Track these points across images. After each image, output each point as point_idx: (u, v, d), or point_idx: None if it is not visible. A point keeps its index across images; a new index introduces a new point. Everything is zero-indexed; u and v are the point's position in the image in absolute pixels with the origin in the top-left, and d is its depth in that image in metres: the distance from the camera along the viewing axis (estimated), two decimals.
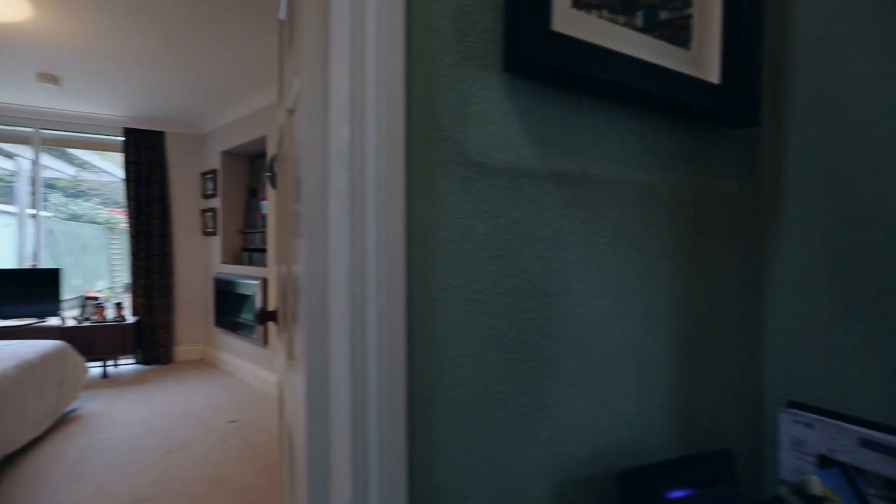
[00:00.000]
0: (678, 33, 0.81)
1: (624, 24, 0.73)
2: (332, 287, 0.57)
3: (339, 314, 0.55)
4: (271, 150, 3.50)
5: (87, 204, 8.78)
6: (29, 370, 2.59)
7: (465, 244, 0.59)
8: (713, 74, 0.81)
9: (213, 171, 4.30)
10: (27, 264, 4.32)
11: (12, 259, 5.47)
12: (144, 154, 4.36)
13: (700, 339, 0.83)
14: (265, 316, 1.21)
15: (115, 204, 9.14)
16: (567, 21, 0.66)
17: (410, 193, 0.54)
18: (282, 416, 1.34)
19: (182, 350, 4.56)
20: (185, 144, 4.54)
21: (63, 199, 8.21)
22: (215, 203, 4.33)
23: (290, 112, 1.04)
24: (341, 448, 0.55)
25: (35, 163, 4.29)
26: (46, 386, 2.76)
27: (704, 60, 0.82)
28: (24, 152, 5.13)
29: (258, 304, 3.61)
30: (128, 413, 3.15)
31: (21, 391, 2.48)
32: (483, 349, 0.61)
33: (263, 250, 4.05)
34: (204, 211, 4.46)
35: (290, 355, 1.06)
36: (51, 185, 6.53)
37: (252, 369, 3.81)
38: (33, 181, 4.34)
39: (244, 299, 4.07)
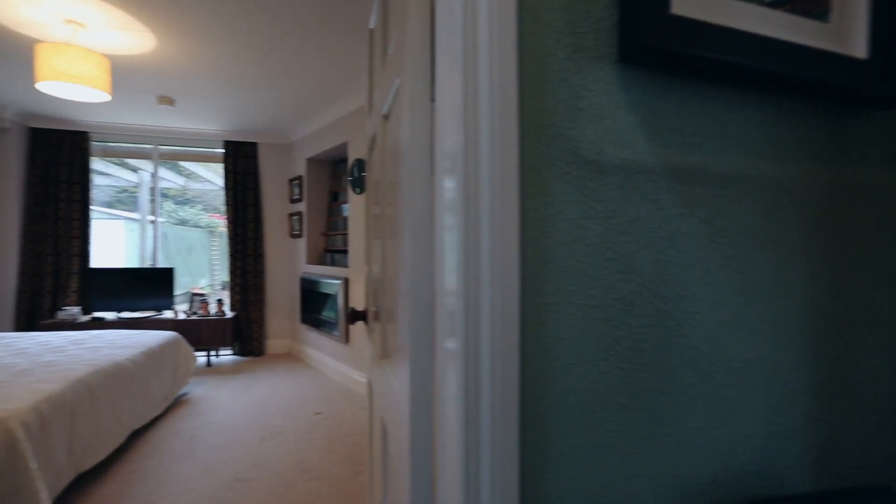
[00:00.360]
0: (814, 5, 0.71)
1: (749, 1, 0.66)
2: (440, 289, 0.57)
3: (449, 317, 0.54)
4: (353, 155, 3.67)
5: (193, 210, 9.83)
6: (151, 357, 2.94)
7: (579, 246, 0.56)
8: (859, 48, 0.71)
9: (300, 178, 4.60)
10: (147, 264, 4.91)
11: (135, 259, 6.27)
12: (240, 163, 4.77)
13: (842, 353, 0.72)
14: (355, 315, 1.26)
15: (215, 210, 10.14)
16: (686, 2, 0.60)
17: (523, 193, 0.53)
18: (371, 412, 1.38)
19: (272, 344, 4.93)
20: (275, 153, 4.91)
21: (173, 206, 9.27)
22: (301, 207, 4.63)
23: (385, 117, 1.07)
24: (450, 453, 0.54)
25: (153, 175, 4.86)
26: (164, 371, 3.11)
27: (848, 33, 0.71)
28: (145, 166, 5.85)
29: (340, 303, 3.80)
30: (228, 400, 3.46)
31: (146, 375, 2.82)
32: (596, 357, 0.57)
33: (345, 251, 4.26)
34: (291, 215, 4.79)
35: (383, 354, 1.08)
36: (164, 195, 7.33)
37: (334, 364, 4.02)
38: (152, 191, 4.93)
39: (326, 298, 4.31)
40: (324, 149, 4.20)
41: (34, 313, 4.23)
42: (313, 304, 4.44)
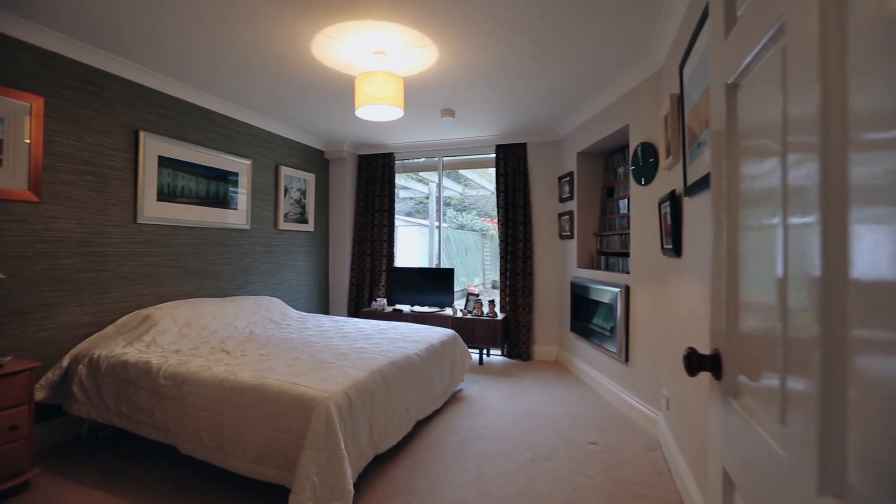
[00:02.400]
0: None
1: None
2: None
3: None
4: (636, 140, 3.07)
5: (469, 215, 10.99)
6: (434, 353, 3.12)
7: None
8: None
9: (570, 174, 4.27)
10: (433, 264, 5.53)
11: (425, 260, 7.29)
12: (511, 165, 4.80)
13: None
14: (699, 362, 0.75)
15: (487, 215, 11.04)
16: None
17: None
18: (710, 454, 0.84)
19: (539, 349, 4.77)
20: (543, 151, 4.73)
21: (454, 213, 10.55)
22: (571, 206, 4.28)
23: (733, 86, 0.63)
24: None
25: (438, 185, 5.44)
26: (444, 367, 3.28)
27: None
28: (433, 177, 6.69)
29: (619, 314, 3.24)
30: (498, 403, 3.41)
31: (429, 369, 3.00)
32: None
33: (623, 254, 3.68)
34: (560, 215, 4.51)
35: (783, 421, 0.56)
36: (447, 202, 8.27)
37: (608, 384, 3.49)
38: (437, 200, 5.52)
39: (598, 306, 3.81)
40: (596, 139, 3.73)
41: (358, 301, 5.32)
42: (584, 311, 4.03)
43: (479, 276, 11.01)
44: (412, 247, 7.89)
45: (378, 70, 2.70)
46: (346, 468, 1.89)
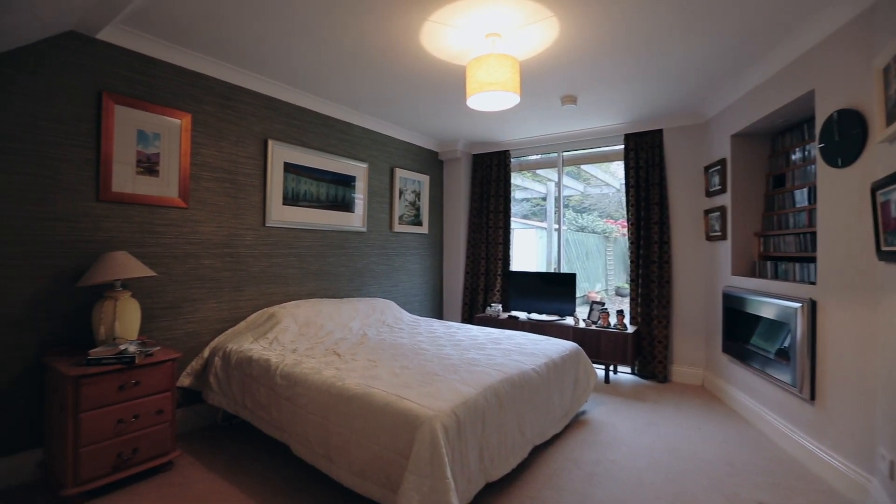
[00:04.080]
0: None
1: None
2: None
3: None
4: (826, 109, 2.33)
5: (589, 217, 10.19)
6: (553, 368, 2.75)
7: None
8: None
9: (721, 162, 3.53)
10: (551, 269, 5.11)
11: (540, 264, 6.84)
12: (642, 156, 4.18)
13: None
14: None
15: (609, 216, 10.13)
16: None
17: None
18: None
19: (679, 371, 4.05)
20: (684, 138, 4.02)
21: (573, 214, 9.87)
22: (723, 200, 3.54)
23: None
24: None
25: (558, 183, 5.00)
26: (565, 385, 2.88)
27: None
28: (551, 176, 6.24)
29: (798, 337, 2.50)
30: (630, 433, 2.90)
31: (548, 388, 2.64)
32: None
33: (800, 259, 2.88)
34: (708, 211, 3.76)
35: None
36: (565, 204, 7.72)
37: (780, 425, 2.74)
38: (557, 200, 5.08)
39: (760, 322, 3.05)
40: (759, 116, 2.99)
41: (472, 306, 5.13)
42: (741, 329, 3.27)
43: (600, 282, 10.11)
44: (528, 251, 7.49)
45: (490, 53, 2.45)
46: (451, 500, 1.65)
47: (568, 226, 9.20)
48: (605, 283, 9.85)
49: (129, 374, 2.20)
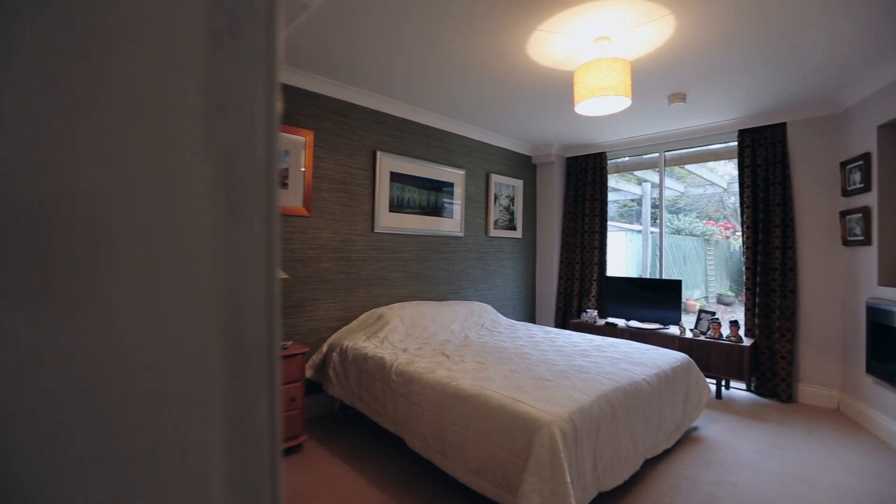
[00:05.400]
0: None
1: None
2: None
3: None
4: None
5: (687, 218, 9.48)
6: (665, 380, 2.63)
7: None
8: None
9: (862, 157, 3.12)
10: (645, 274, 4.85)
11: (635, 269, 6.51)
12: (760, 153, 3.83)
13: None
14: None
15: (708, 217, 9.33)
16: None
17: None
18: None
19: (807, 390, 3.64)
20: (813, 131, 3.62)
21: (668, 216, 9.25)
22: (866, 200, 3.13)
23: None
24: None
25: (656, 185, 4.74)
26: (676, 398, 2.75)
27: None
28: (649, 176, 5.93)
29: None
30: (753, 455, 2.68)
31: (659, 400, 2.54)
32: None
33: None
34: (845, 213, 3.35)
35: None
36: (656, 205, 7.31)
37: None
38: (657, 202, 4.82)
39: None
40: None
41: (566, 311, 5.04)
42: (891, 347, 2.87)
43: (699, 289, 9.36)
44: (617, 254, 7.16)
45: (601, 58, 2.41)
46: None
47: (665, 228, 8.63)
48: (704, 289, 9.10)
49: None
